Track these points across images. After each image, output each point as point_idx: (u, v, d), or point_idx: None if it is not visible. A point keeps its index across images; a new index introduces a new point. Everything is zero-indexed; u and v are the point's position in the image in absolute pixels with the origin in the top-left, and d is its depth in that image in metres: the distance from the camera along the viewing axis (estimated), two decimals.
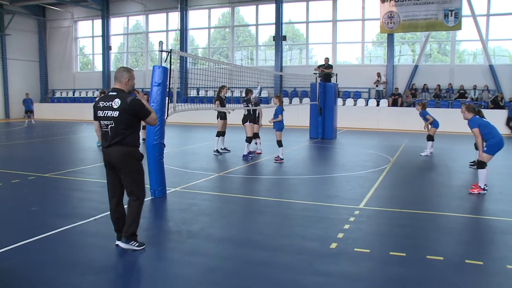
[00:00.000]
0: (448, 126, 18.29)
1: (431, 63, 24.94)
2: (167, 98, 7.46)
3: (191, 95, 27.55)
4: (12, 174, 9.59)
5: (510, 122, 20.28)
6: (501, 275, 4.45)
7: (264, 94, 24.44)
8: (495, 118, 12.85)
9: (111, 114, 4.81)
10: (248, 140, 12.15)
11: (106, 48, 30.97)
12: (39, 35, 32.83)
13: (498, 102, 21.17)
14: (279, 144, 11.56)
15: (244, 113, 12.42)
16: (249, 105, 12.30)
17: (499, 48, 23.63)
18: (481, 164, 7.89)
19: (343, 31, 25.61)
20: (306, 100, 23.23)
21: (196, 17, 28.97)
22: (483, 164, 7.87)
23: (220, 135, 12.93)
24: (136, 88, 5.20)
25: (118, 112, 4.79)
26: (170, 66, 7.49)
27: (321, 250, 5.03)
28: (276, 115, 11.55)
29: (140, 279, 4.39)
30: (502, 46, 23.68)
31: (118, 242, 5.09)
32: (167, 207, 7.09)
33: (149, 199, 7.14)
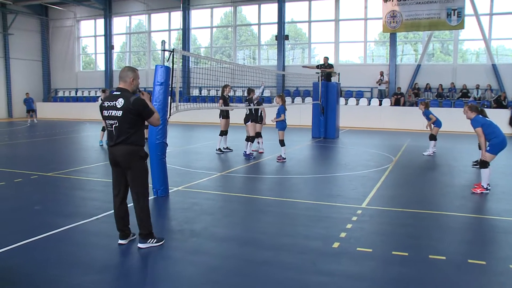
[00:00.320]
0: (450, 125, 18.22)
1: (434, 62, 24.89)
2: (169, 97, 7.47)
3: (193, 95, 27.55)
4: (15, 173, 9.62)
5: None
6: (504, 275, 4.44)
7: (266, 93, 24.42)
8: (498, 117, 12.82)
9: (115, 114, 4.84)
10: (250, 139, 12.15)
11: (109, 47, 30.99)
12: (42, 35, 32.87)
13: (501, 102, 21.10)
14: (282, 143, 11.56)
15: (246, 112, 12.42)
16: (251, 104, 12.30)
17: (502, 48, 23.56)
18: (484, 164, 7.88)
19: (346, 31, 25.58)
20: (309, 99, 23.22)
21: (198, 16, 28.98)
22: (486, 164, 7.85)
23: (223, 134, 12.94)
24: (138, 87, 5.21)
25: (121, 112, 4.82)
26: (173, 66, 7.50)
27: (323, 250, 5.03)
28: (279, 114, 11.56)
29: (143, 278, 4.39)
30: (505, 45, 23.62)
31: (121, 241, 5.12)
32: (170, 206, 7.09)
33: (151, 198, 7.15)
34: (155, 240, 5.08)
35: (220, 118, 12.99)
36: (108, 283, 4.24)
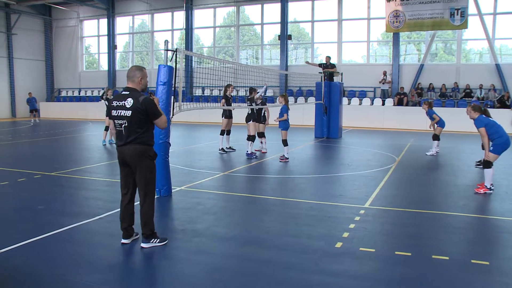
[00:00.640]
0: (454, 125, 18.21)
1: (437, 62, 24.84)
2: (172, 97, 7.48)
3: (196, 94, 27.58)
4: (18, 172, 9.64)
5: None
6: (507, 275, 4.43)
7: (269, 93, 24.43)
8: (502, 117, 12.75)
9: (125, 114, 4.85)
10: (251, 138, 12.15)
11: (112, 47, 31.05)
12: (45, 35, 32.96)
13: (505, 102, 21.04)
14: (285, 143, 11.56)
15: (247, 111, 12.42)
16: (252, 104, 12.31)
17: (505, 47, 23.48)
18: (487, 164, 7.86)
19: (349, 30, 25.57)
20: (312, 99, 23.21)
21: (201, 16, 29.00)
22: (489, 164, 7.84)
23: (224, 134, 12.94)
24: None
25: (131, 112, 4.83)
26: (176, 65, 7.50)
27: (326, 249, 5.03)
28: (282, 114, 11.56)
29: (146, 278, 4.39)
30: (509, 45, 23.54)
31: (124, 241, 5.13)
32: (173, 206, 7.10)
33: (154, 198, 7.15)
34: (158, 239, 5.09)
35: (222, 117, 12.99)
36: (111, 283, 4.24)
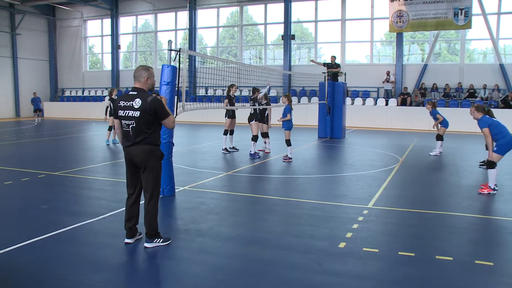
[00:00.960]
0: (457, 125, 18.16)
1: (441, 62, 24.79)
2: (176, 97, 7.48)
3: (199, 94, 27.61)
4: (22, 172, 9.68)
5: None
6: (511, 276, 4.41)
7: (272, 93, 24.42)
8: (506, 117, 12.76)
9: (132, 114, 4.84)
10: (254, 138, 12.15)
11: (115, 47, 31.12)
12: (49, 35, 33.06)
13: (509, 102, 20.95)
14: (288, 143, 11.56)
15: (250, 111, 12.42)
16: (255, 104, 12.31)
17: (509, 47, 23.37)
18: (491, 164, 7.84)
19: (352, 30, 25.54)
20: (315, 99, 23.19)
21: (204, 16, 29.03)
22: (493, 164, 7.81)
23: (228, 134, 12.95)
24: None
25: (139, 112, 4.82)
26: (179, 65, 7.51)
27: (329, 250, 5.02)
28: (285, 114, 11.55)
29: (149, 277, 4.40)
30: None
31: (128, 240, 5.14)
32: (176, 205, 7.11)
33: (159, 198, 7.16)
34: (161, 239, 5.10)
35: (225, 117, 13.00)
36: (114, 282, 4.25)
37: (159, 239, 5.08)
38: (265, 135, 12.93)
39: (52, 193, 7.98)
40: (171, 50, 7.37)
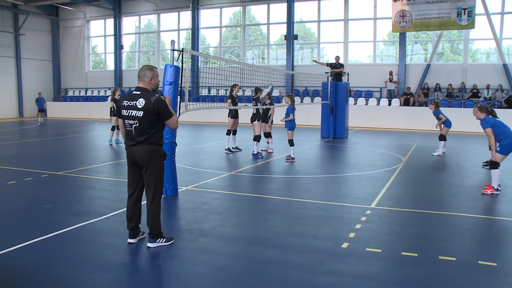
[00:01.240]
0: (460, 125, 18.14)
1: (444, 62, 24.73)
2: (178, 97, 7.49)
3: (202, 94, 27.63)
4: (25, 172, 9.70)
5: None
6: None
7: (275, 93, 24.42)
8: (509, 118, 12.70)
9: (136, 114, 4.84)
10: (257, 138, 12.15)
11: (118, 47, 31.18)
12: (52, 35, 33.15)
13: None
14: (291, 143, 11.56)
15: (253, 111, 12.42)
16: (258, 103, 12.31)
17: None
18: (494, 164, 7.82)
19: (355, 30, 25.51)
20: (318, 99, 23.17)
21: (207, 16, 29.05)
22: (496, 164, 7.79)
23: (230, 134, 12.95)
24: None
25: (142, 112, 4.82)
26: (182, 65, 7.51)
27: (332, 250, 5.02)
28: (288, 114, 11.55)
29: (152, 277, 4.40)
30: None
31: (131, 240, 5.14)
32: (179, 205, 7.12)
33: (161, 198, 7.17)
34: (164, 239, 5.10)
35: (228, 117, 13.00)
36: (117, 282, 4.25)
37: (162, 239, 5.09)
38: (267, 135, 12.93)
39: (55, 192, 8.00)
40: (174, 50, 7.37)
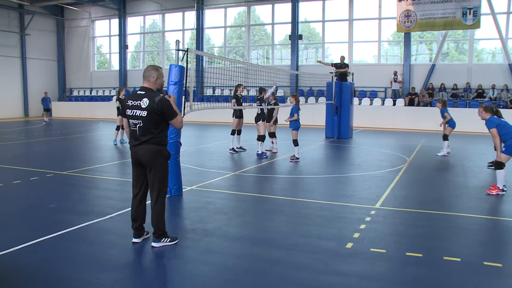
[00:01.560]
0: (465, 126, 18.07)
1: (449, 62, 24.64)
2: (183, 97, 7.50)
3: (207, 94, 27.66)
4: (30, 171, 9.74)
5: None
6: None
7: (280, 93, 24.40)
8: None
9: (140, 114, 4.85)
10: (261, 138, 12.15)
11: (123, 47, 31.25)
12: (58, 35, 33.27)
13: None
14: (295, 143, 11.55)
15: (257, 111, 12.42)
16: (262, 103, 12.31)
17: None
18: (499, 165, 7.79)
19: (360, 30, 25.46)
20: (322, 99, 23.15)
21: (212, 16, 29.08)
22: (502, 165, 7.76)
23: (235, 134, 12.96)
24: None
25: (146, 112, 4.83)
26: (187, 65, 7.52)
27: (337, 250, 5.01)
28: (292, 114, 11.54)
29: (156, 277, 4.41)
30: None
31: (135, 240, 5.16)
32: (183, 205, 7.13)
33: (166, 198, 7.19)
34: (168, 239, 5.11)
35: (233, 117, 13.01)
36: (121, 281, 4.27)
37: (167, 239, 5.10)
38: (272, 135, 12.93)
39: (60, 192, 8.03)
40: (178, 50, 7.38)
